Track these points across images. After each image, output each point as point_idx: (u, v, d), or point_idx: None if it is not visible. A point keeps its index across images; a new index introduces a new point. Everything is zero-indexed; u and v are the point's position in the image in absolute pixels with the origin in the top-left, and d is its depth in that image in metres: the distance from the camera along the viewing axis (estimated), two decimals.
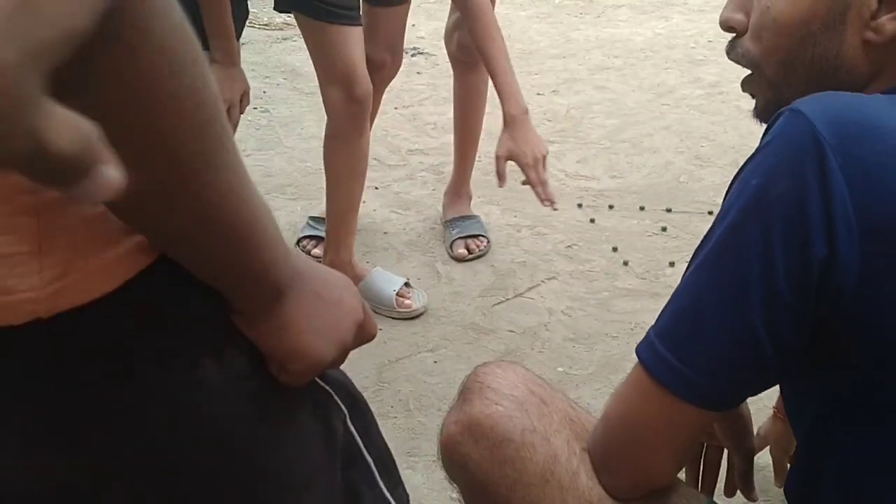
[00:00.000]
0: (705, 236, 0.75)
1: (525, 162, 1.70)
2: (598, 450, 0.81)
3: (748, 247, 0.69)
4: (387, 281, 1.92)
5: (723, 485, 1.10)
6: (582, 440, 0.83)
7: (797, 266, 0.68)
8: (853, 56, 0.76)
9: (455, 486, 0.91)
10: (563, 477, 0.80)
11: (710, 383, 0.73)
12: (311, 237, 2.11)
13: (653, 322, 0.76)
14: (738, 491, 1.06)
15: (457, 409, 0.86)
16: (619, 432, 0.78)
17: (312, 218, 2.17)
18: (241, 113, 1.80)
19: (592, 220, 2.28)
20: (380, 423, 1.68)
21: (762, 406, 1.56)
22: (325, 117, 1.86)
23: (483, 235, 2.15)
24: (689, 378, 0.72)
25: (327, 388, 0.63)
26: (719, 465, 1.08)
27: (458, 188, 2.24)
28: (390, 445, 1.68)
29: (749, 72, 0.83)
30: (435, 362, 1.76)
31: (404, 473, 1.53)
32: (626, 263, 2.08)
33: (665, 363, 0.73)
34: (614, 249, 2.14)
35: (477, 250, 2.12)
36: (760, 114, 0.83)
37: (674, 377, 0.73)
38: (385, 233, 2.23)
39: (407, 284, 1.93)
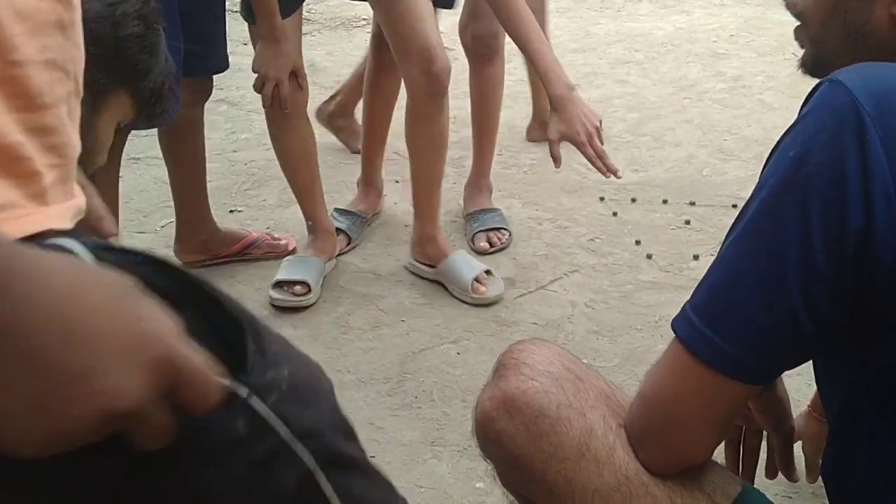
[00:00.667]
0: (742, 209, 0.74)
1: (579, 141, 1.66)
2: (635, 427, 0.80)
3: (785, 219, 0.69)
4: (467, 265, 1.92)
5: (762, 468, 1.09)
6: (618, 416, 0.82)
7: (834, 238, 0.67)
8: (881, 27, 0.77)
9: (489, 462, 0.90)
10: (600, 451, 0.79)
11: (747, 357, 0.72)
12: (335, 230, 2.11)
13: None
14: (780, 473, 1.04)
15: (492, 385, 0.86)
16: (656, 409, 0.77)
17: (337, 210, 2.17)
18: (302, 88, 1.83)
19: (615, 214, 2.26)
20: (404, 413, 1.69)
21: (796, 404, 1.55)
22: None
23: (505, 228, 2.14)
24: (727, 352, 0.71)
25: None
26: (759, 450, 1.07)
27: (479, 181, 2.23)
28: (414, 436, 1.69)
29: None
30: (458, 354, 1.75)
31: (429, 464, 1.53)
32: (649, 256, 2.06)
33: (702, 337, 0.72)
34: (637, 243, 2.12)
35: (499, 243, 2.11)
36: (804, 65, 0.86)
37: (711, 351, 0.72)
38: (406, 225, 2.22)
39: (488, 272, 1.92)
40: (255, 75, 1.80)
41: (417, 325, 1.85)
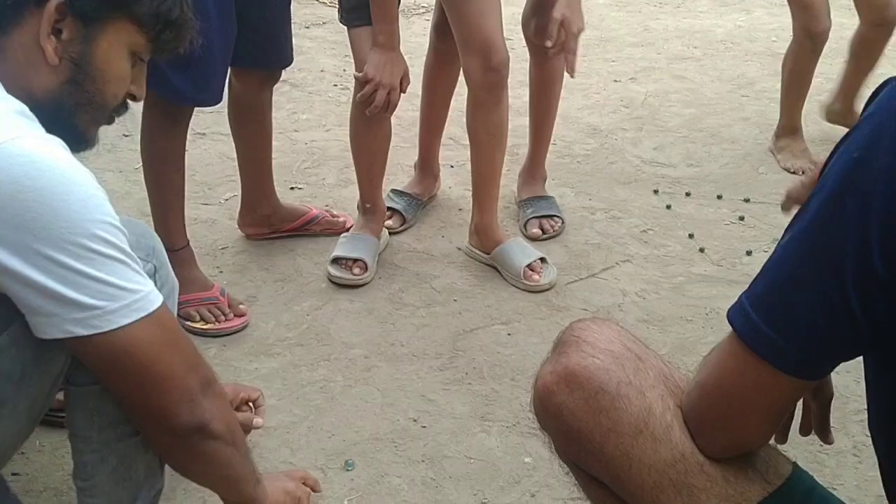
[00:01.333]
0: (802, 207, 0.75)
1: (575, 30, 1.83)
2: (692, 416, 0.82)
3: (845, 220, 0.69)
4: (521, 251, 1.96)
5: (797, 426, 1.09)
6: (675, 396, 0.84)
7: (893, 244, 0.67)
8: None
9: (545, 434, 0.93)
10: (657, 429, 0.82)
11: (803, 353, 0.73)
12: (390, 209, 2.16)
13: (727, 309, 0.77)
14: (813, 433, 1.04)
15: (552, 360, 0.89)
16: (713, 400, 0.79)
17: (394, 191, 2.22)
18: (403, 93, 1.86)
19: (668, 207, 2.27)
20: (455, 388, 1.73)
21: (843, 401, 1.55)
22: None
23: (558, 216, 2.17)
24: (783, 347, 0.73)
25: None
26: (793, 411, 1.07)
27: (534, 169, 2.26)
28: (465, 410, 1.73)
29: None
30: (509, 335, 1.79)
31: (478, 437, 1.57)
32: (702, 250, 2.07)
33: (759, 332, 0.74)
34: (690, 236, 2.13)
35: (551, 230, 2.13)
36: None
37: (768, 346, 0.73)
38: (460, 210, 2.26)
39: (542, 260, 1.96)
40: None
41: (469, 305, 1.89)
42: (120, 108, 1.10)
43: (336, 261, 1.97)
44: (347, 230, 2.10)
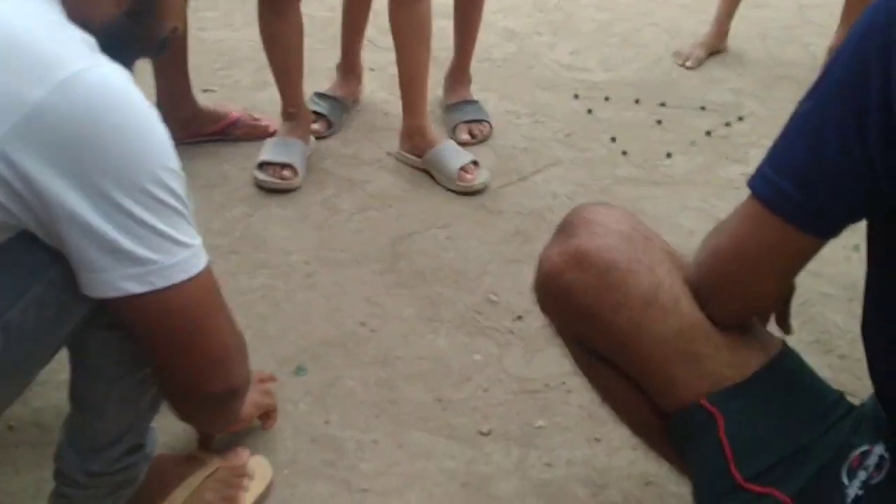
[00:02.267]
0: (822, 72, 0.76)
1: None
2: (705, 282, 0.86)
3: (869, 75, 0.71)
4: (455, 154, 1.95)
5: None
6: (682, 272, 0.88)
7: None
8: None
9: (547, 317, 0.96)
10: (667, 301, 0.86)
11: (826, 211, 0.76)
12: (315, 114, 2.09)
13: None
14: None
15: (560, 242, 0.90)
16: (729, 263, 0.83)
17: (317, 94, 2.15)
18: None
19: (590, 111, 2.31)
20: (399, 292, 1.75)
21: (840, 334, 1.66)
22: None
23: (486, 120, 2.17)
24: (806, 205, 0.76)
25: None
26: (791, 296, 1.08)
27: (460, 73, 2.23)
28: (412, 312, 1.76)
29: None
30: (447, 238, 1.80)
31: (427, 338, 1.59)
32: (624, 153, 2.13)
33: (782, 192, 0.77)
34: (612, 139, 2.18)
35: (480, 135, 2.13)
36: None
37: (791, 205, 0.76)
38: (385, 114, 2.22)
39: (475, 163, 1.95)
40: None
41: (405, 209, 1.88)
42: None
43: (263, 165, 1.91)
44: (271, 135, 2.02)
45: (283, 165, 1.90)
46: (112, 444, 1.03)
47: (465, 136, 2.11)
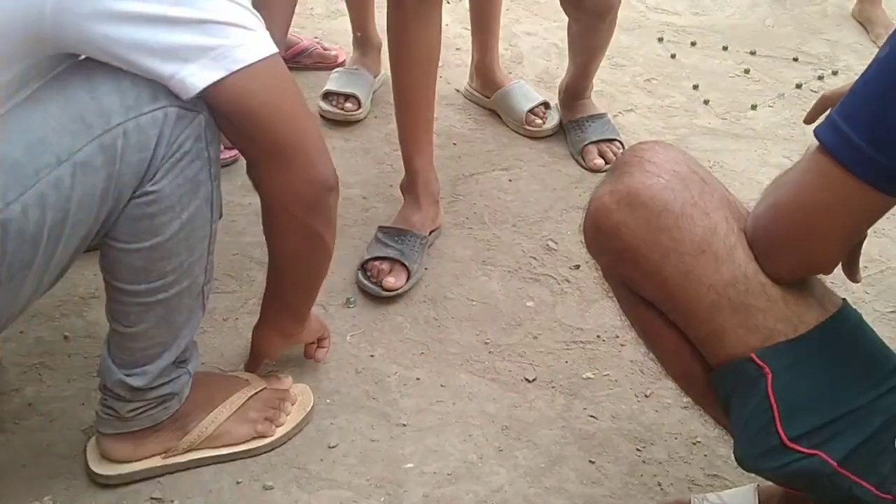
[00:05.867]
0: None
1: None
2: (764, 237, 0.80)
3: None
4: (524, 95, 1.88)
5: None
6: (739, 221, 0.82)
7: None
8: None
9: (594, 259, 0.92)
10: (720, 249, 0.80)
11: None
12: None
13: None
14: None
15: (612, 181, 0.86)
16: (792, 218, 0.77)
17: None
18: None
19: (673, 56, 2.19)
20: (455, 232, 1.71)
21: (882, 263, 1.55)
22: None
23: (618, 140, 1.84)
24: (877, 161, 0.71)
25: None
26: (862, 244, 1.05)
27: (581, 84, 2.03)
28: (466, 254, 1.72)
29: None
30: (509, 181, 1.75)
31: (480, 280, 1.56)
32: (706, 102, 2.02)
33: (851, 145, 0.71)
34: (695, 87, 2.07)
35: (615, 158, 2.01)
36: None
37: (861, 159, 0.71)
38: (458, 49, 2.16)
39: (545, 105, 1.87)
40: None
41: (468, 149, 1.83)
42: None
43: (327, 95, 1.88)
44: (341, 65, 1.99)
45: (347, 96, 1.86)
46: (152, 360, 1.04)
47: (598, 161, 1.80)
